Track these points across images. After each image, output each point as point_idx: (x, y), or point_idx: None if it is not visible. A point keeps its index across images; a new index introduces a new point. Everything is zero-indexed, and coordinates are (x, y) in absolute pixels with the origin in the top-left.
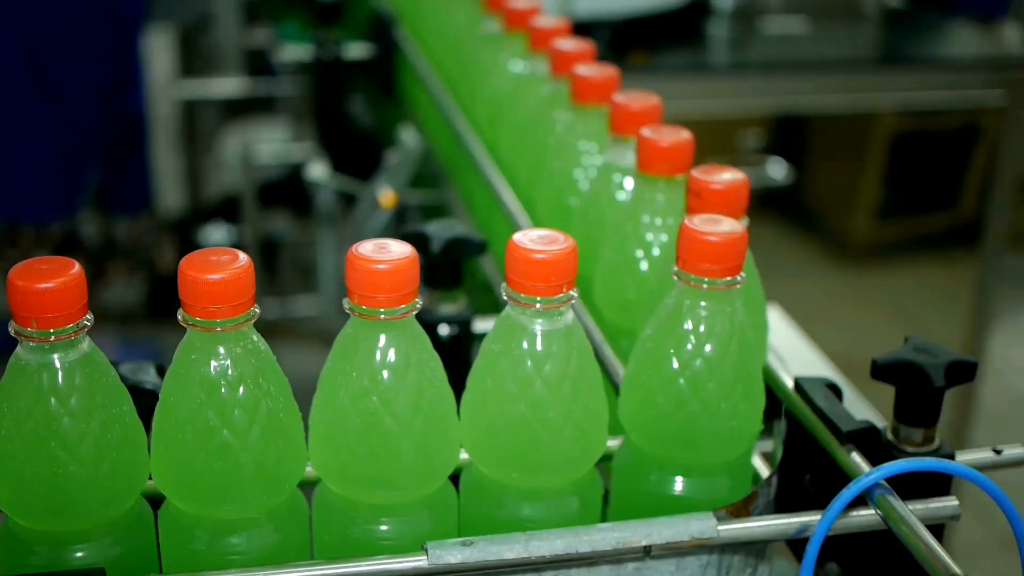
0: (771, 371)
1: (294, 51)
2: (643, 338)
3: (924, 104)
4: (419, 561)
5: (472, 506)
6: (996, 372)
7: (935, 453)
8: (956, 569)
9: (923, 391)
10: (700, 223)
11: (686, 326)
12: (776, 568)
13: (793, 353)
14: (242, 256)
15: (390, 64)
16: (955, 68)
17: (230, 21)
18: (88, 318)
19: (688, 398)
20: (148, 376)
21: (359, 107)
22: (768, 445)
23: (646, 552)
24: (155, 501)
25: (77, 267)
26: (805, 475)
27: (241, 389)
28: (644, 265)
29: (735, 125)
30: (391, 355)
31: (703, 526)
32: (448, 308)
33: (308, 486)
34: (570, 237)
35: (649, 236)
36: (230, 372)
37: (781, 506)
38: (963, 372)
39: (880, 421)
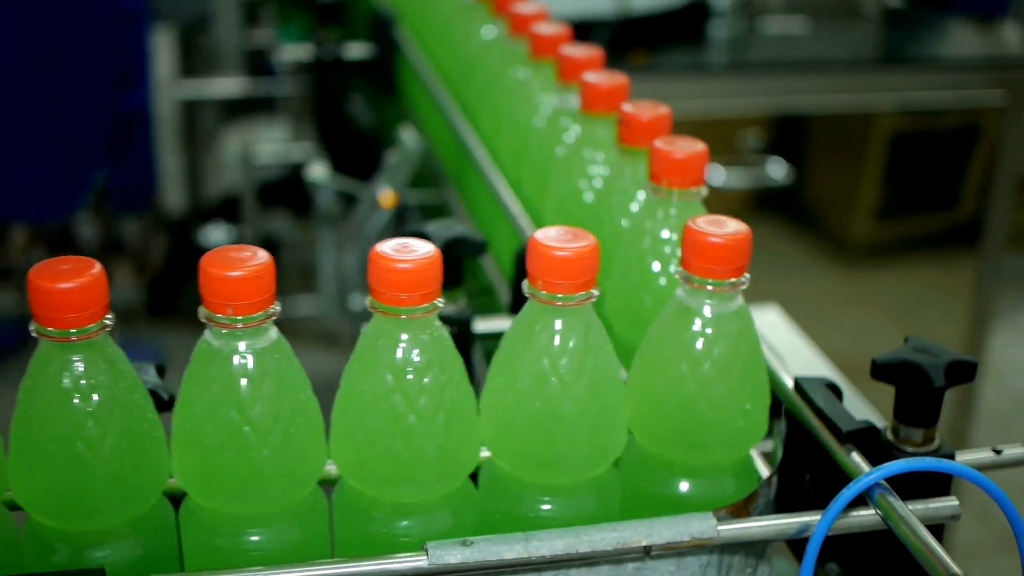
0: (771, 371)
1: (294, 51)
2: (649, 340)
3: (924, 104)
4: (419, 561)
5: (491, 503)
6: (996, 372)
7: (935, 453)
8: (956, 569)
9: (923, 391)
10: (704, 224)
11: (694, 327)
12: (776, 568)
13: (793, 353)
14: (261, 253)
15: (390, 64)
16: (955, 68)
17: (230, 21)
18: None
19: (696, 399)
20: (148, 376)
21: (359, 107)
22: (768, 445)
23: (646, 552)
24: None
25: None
26: (805, 475)
27: (267, 386)
28: (662, 280)
29: (735, 125)
30: (414, 354)
31: (703, 526)
32: (448, 308)
33: (329, 484)
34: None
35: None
36: (251, 368)
37: (781, 506)
38: (963, 372)
39: (880, 421)
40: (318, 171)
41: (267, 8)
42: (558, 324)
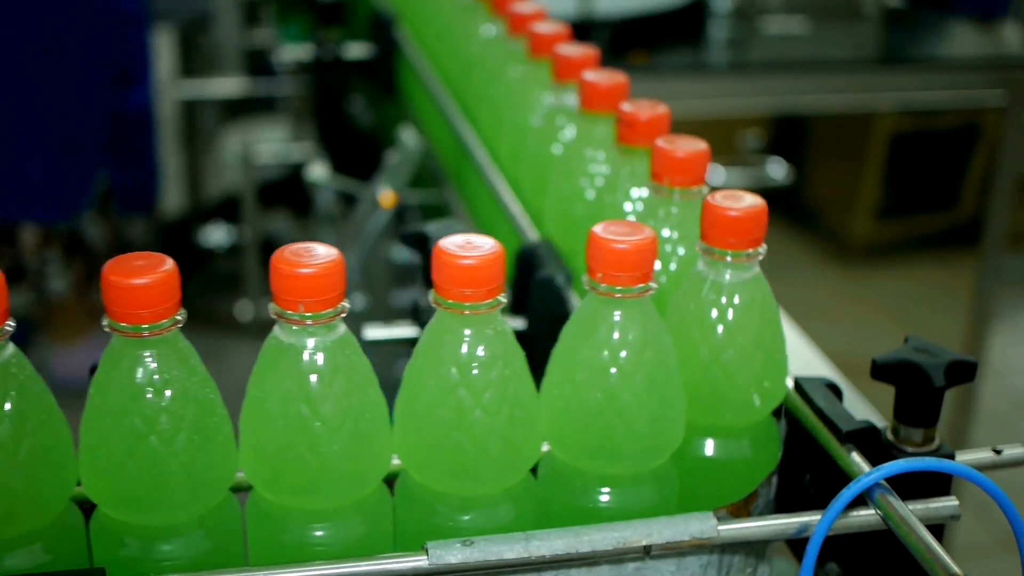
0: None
1: (294, 51)
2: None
3: (924, 104)
4: (419, 561)
5: (551, 496)
6: (996, 372)
7: (935, 453)
8: (956, 569)
9: (923, 391)
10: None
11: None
12: (776, 568)
13: (793, 353)
14: (330, 251)
15: (390, 64)
16: (955, 68)
17: (230, 21)
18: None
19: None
20: None
21: (359, 107)
22: None
23: (646, 552)
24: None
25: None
26: (805, 475)
27: (338, 383)
28: (662, 279)
29: (735, 125)
30: (480, 349)
31: (703, 526)
32: None
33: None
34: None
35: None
36: (321, 364)
37: (781, 506)
38: (963, 372)
39: (880, 421)
40: (318, 171)
41: (267, 8)
42: (617, 316)
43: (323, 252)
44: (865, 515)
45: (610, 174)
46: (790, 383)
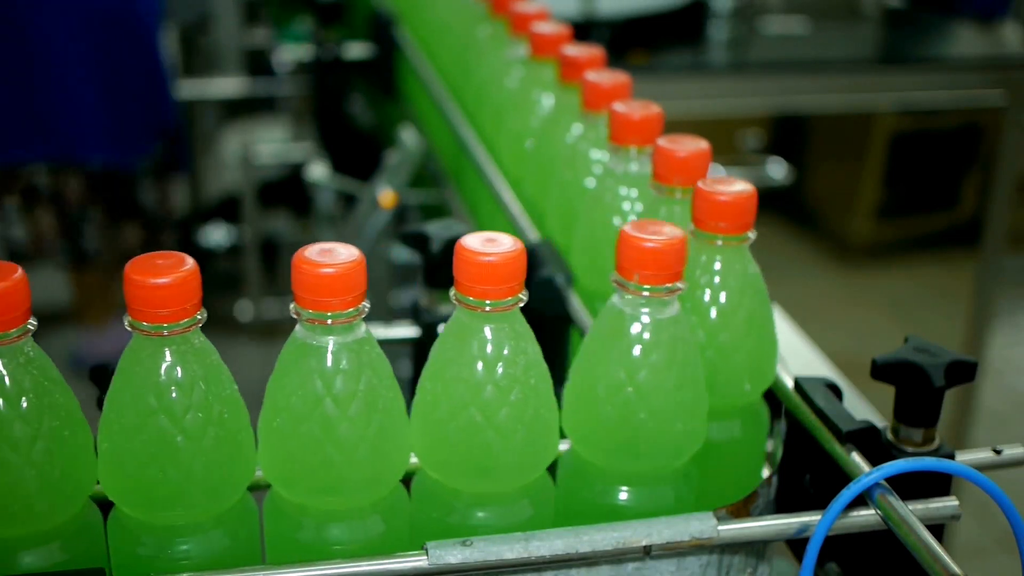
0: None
1: (294, 51)
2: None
3: (924, 104)
4: (419, 561)
5: (570, 494)
6: (996, 372)
7: (935, 453)
8: (956, 569)
9: (923, 391)
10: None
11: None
12: (776, 568)
13: (793, 353)
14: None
15: (390, 64)
16: (955, 68)
17: (230, 21)
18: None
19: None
20: None
21: (359, 107)
22: (768, 445)
23: (646, 552)
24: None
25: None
26: (805, 475)
27: (359, 383)
28: None
29: (735, 125)
30: (502, 348)
31: (703, 526)
32: (449, 308)
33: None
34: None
35: None
36: (345, 366)
37: (781, 506)
38: (963, 372)
39: (880, 421)
40: (318, 171)
41: (267, 8)
42: (646, 317)
43: (345, 252)
44: (865, 515)
45: (606, 172)
46: (790, 383)
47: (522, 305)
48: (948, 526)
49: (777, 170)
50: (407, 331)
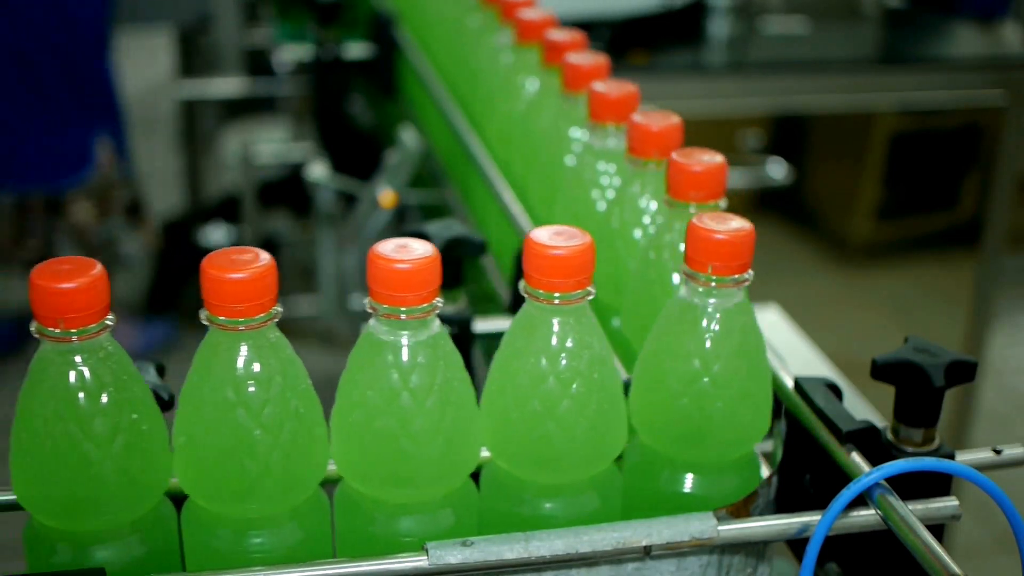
0: (771, 371)
1: (294, 51)
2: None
3: (924, 104)
4: (419, 561)
5: (636, 483)
6: (996, 372)
7: (935, 453)
8: (956, 569)
9: (923, 391)
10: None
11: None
12: (776, 568)
13: (793, 353)
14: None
15: (390, 64)
16: (955, 68)
17: (230, 21)
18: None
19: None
20: (149, 376)
21: (359, 107)
22: (768, 445)
23: (646, 552)
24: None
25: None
26: (805, 475)
27: (439, 376)
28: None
29: (735, 125)
30: (569, 340)
31: (703, 526)
32: (448, 308)
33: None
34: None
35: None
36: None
37: (781, 506)
38: (963, 372)
39: (880, 421)
40: (318, 171)
41: (267, 8)
42: (715, 307)
43: (420, 248)
44: (865, 515)
45: (620, 185)
46: (790, 383)
47: (591, 298)
48: (948, 526)
49: (777, 170)
50: None
